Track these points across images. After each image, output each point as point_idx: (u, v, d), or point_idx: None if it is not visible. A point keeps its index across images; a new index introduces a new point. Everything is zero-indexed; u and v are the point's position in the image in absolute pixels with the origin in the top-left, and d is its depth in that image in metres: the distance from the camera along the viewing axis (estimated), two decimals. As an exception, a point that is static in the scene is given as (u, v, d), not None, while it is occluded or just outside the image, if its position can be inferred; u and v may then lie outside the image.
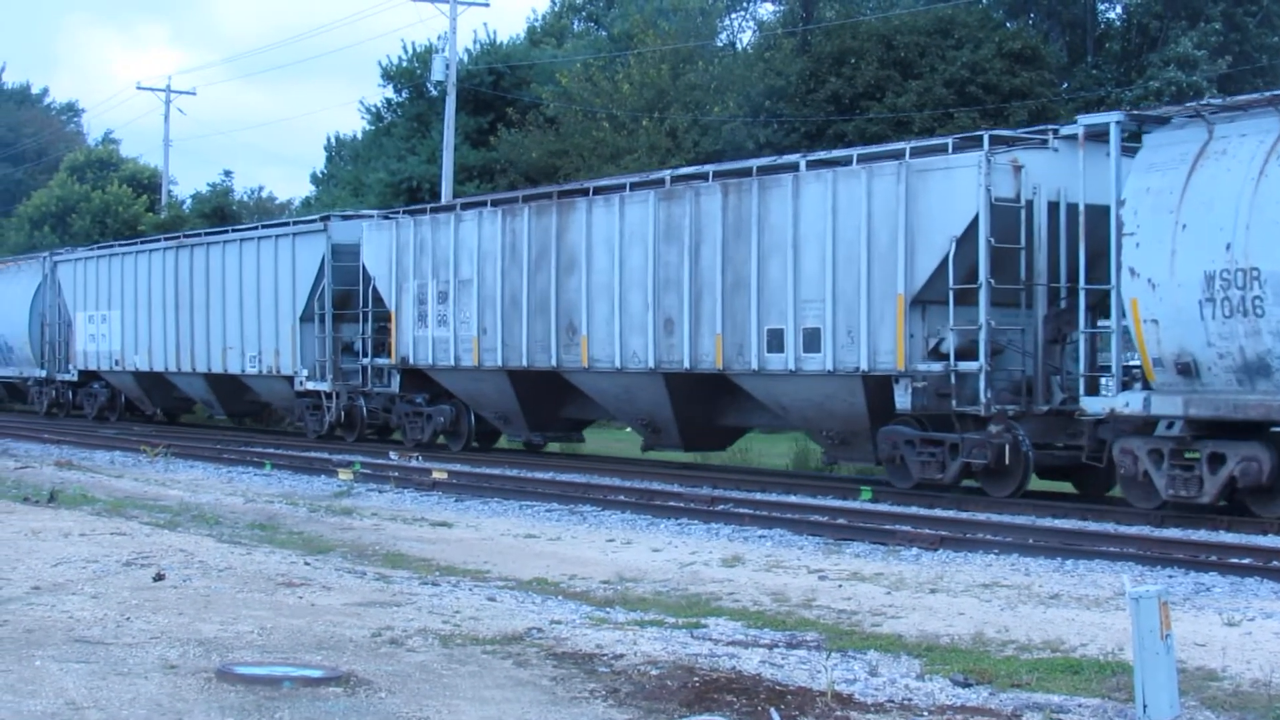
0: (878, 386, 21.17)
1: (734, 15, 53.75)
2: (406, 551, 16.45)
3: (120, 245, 42.28)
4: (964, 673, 9.80)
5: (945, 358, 20.37)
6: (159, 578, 13.19)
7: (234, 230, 37.20)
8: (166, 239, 39.60)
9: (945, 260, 20.20)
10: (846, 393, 21.60)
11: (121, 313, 39.92)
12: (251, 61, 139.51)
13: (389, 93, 55.88)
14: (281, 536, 17.66)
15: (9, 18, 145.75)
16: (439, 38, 51.06)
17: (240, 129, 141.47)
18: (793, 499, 21.30)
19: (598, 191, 25.74)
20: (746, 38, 53.08)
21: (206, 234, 38.08)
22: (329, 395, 32.54)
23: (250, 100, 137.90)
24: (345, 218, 33.15)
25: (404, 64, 54.19)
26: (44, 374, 45.06)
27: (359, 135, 60.05)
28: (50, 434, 36.39)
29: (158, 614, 11.45)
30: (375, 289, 30.47)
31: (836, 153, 23.08)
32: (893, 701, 9.03)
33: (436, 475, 24.27)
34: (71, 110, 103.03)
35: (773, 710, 8.60)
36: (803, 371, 21.93)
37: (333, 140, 64.71)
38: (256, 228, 36.11)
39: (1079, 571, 14.84)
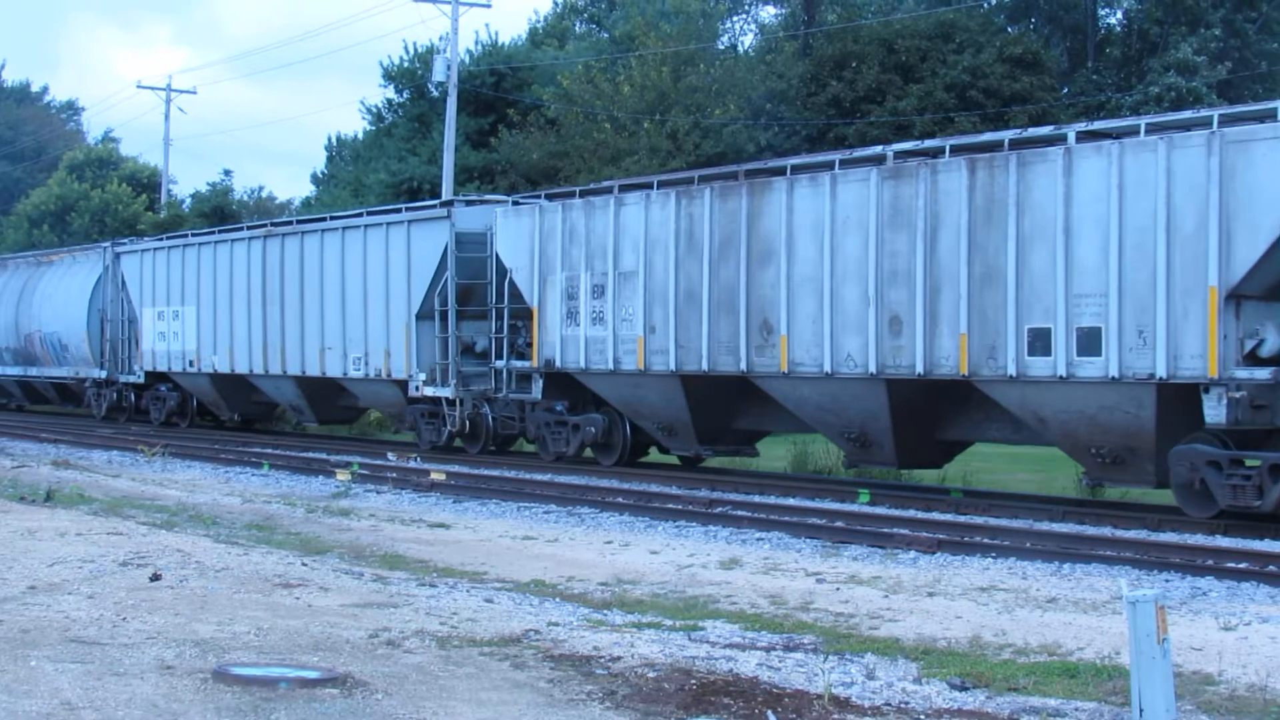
0: (1172, 396, 18.28)
1: (735, 18, 53.92)
2: (404, 553, 16.44)
3: (196, 234, 38.52)
4: (961, 676, 9.80)
5: (1264, 362, 17.61)
6: (155, 578, 13.18)
7: (334, 218, 33.30)
8: (251, 227, 36.04)
9: (1275, 247, 17.21)
10: (1131, 403, 18.54)
11: (198, 309, 36.24)
12: (253, 61, 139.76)
13: (390, 93, 56.04)
14: (279, 537, 17.65)
15: (12, 16, 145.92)
16: (440, 38, 51.10)
17: (241, 128, 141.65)
18: (791, 501, 21.29)
19: (798, 170, 22.60)
20: (748, 40, 53.24)
21: (301, 221, 34.41)
22: (451, 402, 28.82)
23: (252, 99, 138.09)
24: (470, 202, 29.71)
25: (405, 64, 54.29)
26: (104, 375, 41.06)
27: (360, 135, 60.13)
28: (47, 433, 36.30)
29: (154, 614, 11.44)
30: (512, 282, 27.07)
31: (1116, 122, 20.41)
32: (890, 705, 9.03)
33: (435, 476, 24.26)
34: (71, 108, 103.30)
35: (770, 713, 8.60)
36: (1075, 378, 18.77)
37: (333, 140, 64.82)
38: (362, 214, 32.35)
39: (1076, 575, 14.84)
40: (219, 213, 58.94)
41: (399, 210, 31.13)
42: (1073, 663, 10.41)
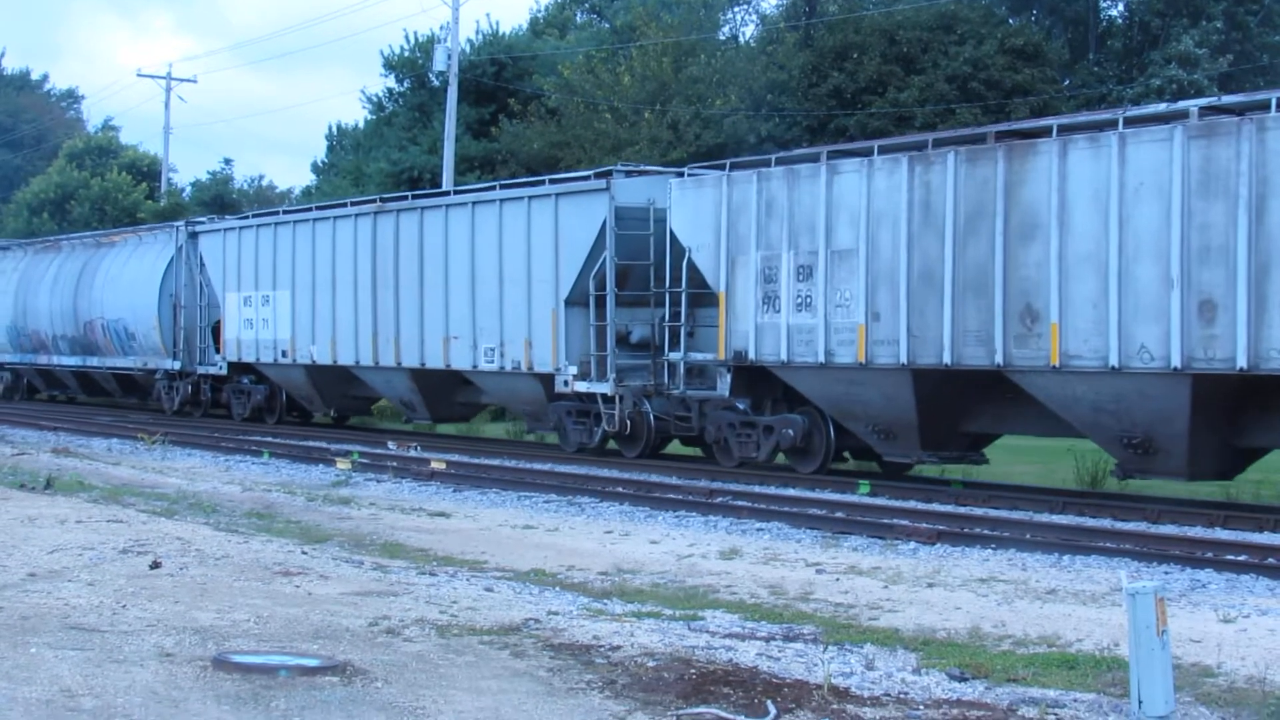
0: None
1: (736, 9, 53.84)
2: (404, 541, 16.45)
3: (290, 211, 35.26)
4: (960, 667, 9.80)
5: None
6: (155, 565, 13.18)
7: (460, 192, 29.79)
8: (357, 203, 32.42)
9: None
10: None
11: (292, 294, 32.79)
12: (256, 49, 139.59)
13: (391, 82, 56.04)
14: (279, 525, 17.66)
15: (13, 3, 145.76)
16: (441, 28, 51.20)
17: (242, 116, 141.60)
18: (791, 492, 21.29)
19: (1069, 130, 19.46)
20: (749, 31, 53.18)
21: (418, 196, 30.73)
22: (608, 399, 25.44)
23: (253, 88, 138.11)
24: (630, 173, 25.95)
25: (406, 54, 54.28)
26: (177, 366, 37.45)
27: (360, 125, 60.13)
28: (47, 420, 36.28)
29: (154, 602, 11.44)
30: (691, 263, 23.90)
31: None
32: (889, 695, 9.03)
33: (435, 465, 24.26)
34: (71, 96, 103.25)
35: (769, 703, 8.60)
36: None
37: (334, 129, 64.80)
38: (495, 187, 28.66)
39: (1076, 567, 14.85)
40: (219, 201, 59.01)
41: (541, 182, 27.70)
42: (1072, 654, 10.41)
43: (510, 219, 27.04)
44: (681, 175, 24.87)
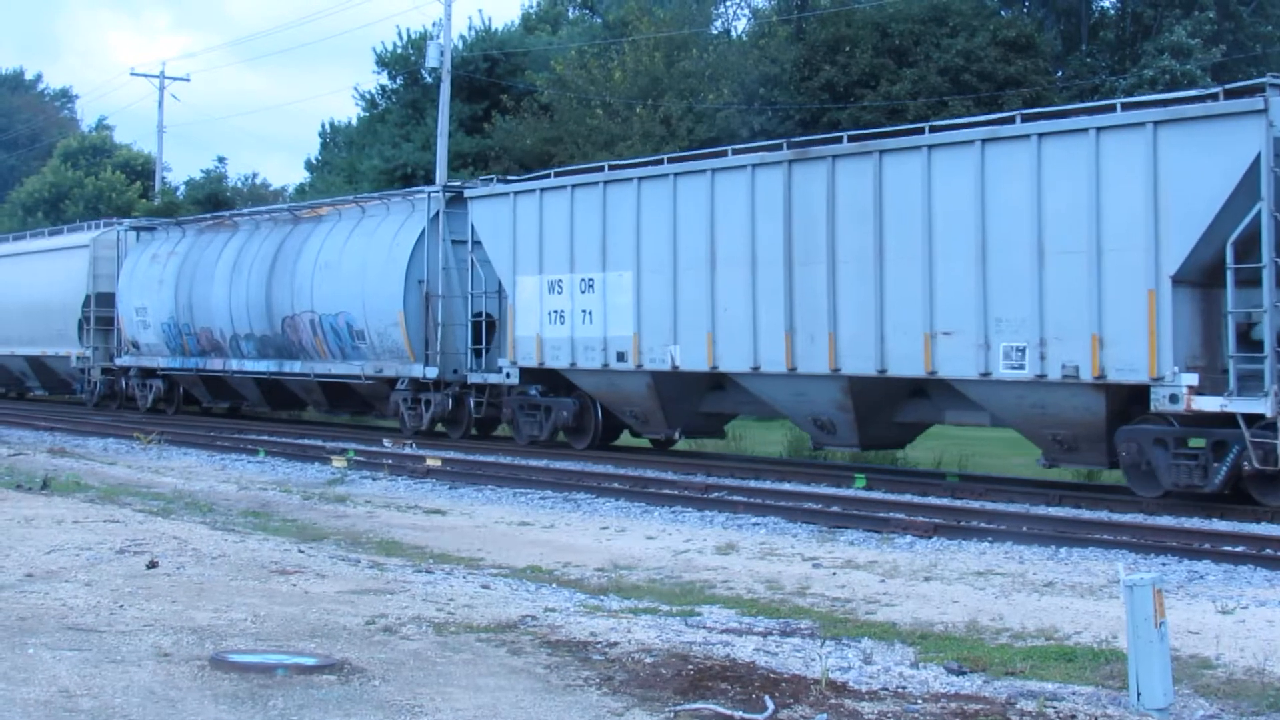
0: None
1: (728, 2, 53.85)
2: (400, 539, 16.43)
3: (620, 166, 26.52)
4: (958, 661, 9.80)
5: None
6: (152, 565, 13.17)
7: (939, 129, 21.23)
8: (745, 150, 24.06)
9: None
10: None
11: (636, 276, 24.72)
12: (250, 47, 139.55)
13: (384, 79, 56.06)
14: (275, 524, 17.63)
15: (10, 1, 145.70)
16: (434, 24, 51.21)
17: (236, 114, 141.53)
18: (786, 487, 21.29)
19: None
20: (741, 25, 53.18)
21: (864, 137, 22.37)
22: (1259, 425, 17.24)
23: (249, 85, 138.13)
24: None
25: (399, 50, 54.32)
26: (432, 374, 29.43)
27: (354, 122, 60.13)
28: (43, 421, 36.21)
29: (151, 602, 11.43)
30: None
31: None
32: (887, 689, 9.03)
33: (430, 463, 24.24)
34: (66, 96, 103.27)
35: (767, 698, 8.59)
36: None
37: (327, 127, 64.77)
38: (1013, 119, 20.38)
39: (1073, 559, 14.85)
40: (213, 200, 58.96)
41: (1111, 108, 19.21)
42: (1070, 646, 10.41)
43: (1055, 162, 19.23)
44: None
